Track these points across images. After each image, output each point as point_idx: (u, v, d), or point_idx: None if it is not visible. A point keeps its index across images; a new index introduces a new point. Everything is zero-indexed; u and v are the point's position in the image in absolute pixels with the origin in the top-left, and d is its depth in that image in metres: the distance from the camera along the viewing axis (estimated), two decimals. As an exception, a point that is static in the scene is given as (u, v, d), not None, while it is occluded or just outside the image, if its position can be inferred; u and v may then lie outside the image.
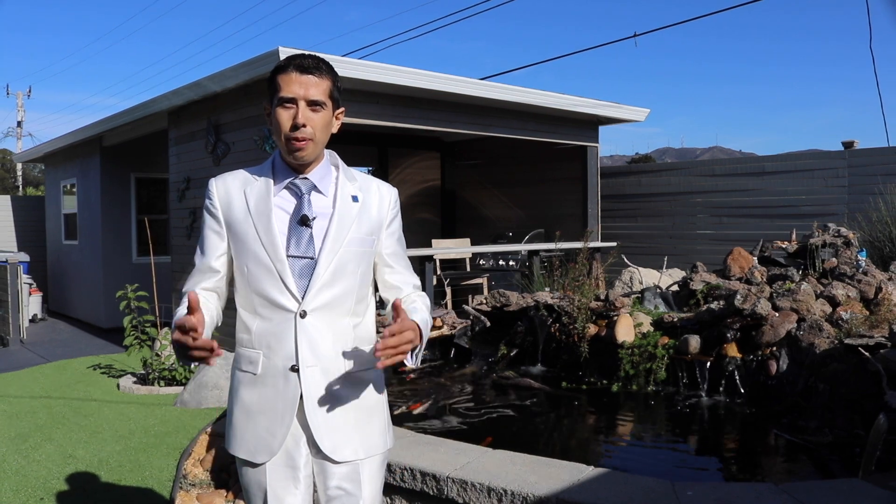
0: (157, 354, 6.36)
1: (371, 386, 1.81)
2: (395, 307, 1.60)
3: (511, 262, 9.47)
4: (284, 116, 1.69)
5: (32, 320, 10.68)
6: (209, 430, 4.58)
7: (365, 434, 1.78)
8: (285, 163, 1.77)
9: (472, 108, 7.86)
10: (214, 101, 7.30)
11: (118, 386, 6.38)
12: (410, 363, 1.67)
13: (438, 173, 11.93)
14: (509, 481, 2.58)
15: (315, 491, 1.81)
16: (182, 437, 4.80)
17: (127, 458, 4.40)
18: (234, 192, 1.77)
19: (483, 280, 9.28)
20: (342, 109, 1.81)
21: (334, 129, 1.80)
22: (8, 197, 13.27)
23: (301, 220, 1.72)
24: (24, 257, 10.66)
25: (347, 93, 6.87)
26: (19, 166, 31.19)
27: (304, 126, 1.68)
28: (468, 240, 10.38)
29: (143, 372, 6.47)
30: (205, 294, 1.77)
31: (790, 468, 3.60)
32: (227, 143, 7.20)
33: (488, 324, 5.80)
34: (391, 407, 1.81)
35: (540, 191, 10.57)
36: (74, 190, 11.07)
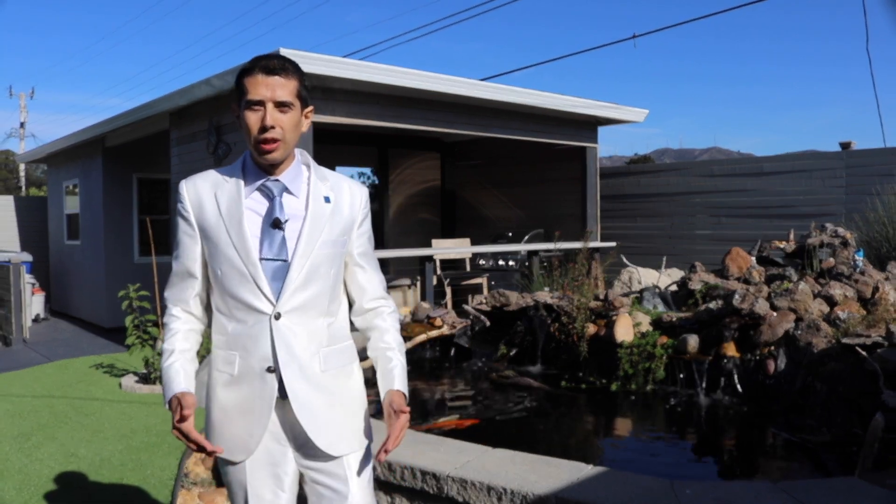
0: (159, 354, 6.37)
1: (349, 379, 1.84)
2: (390, 405, 1.76)
3: (511, 262, 9.49)
4: (252, 119, 1.68)
5: (35, 320, 10.71)
6: (211, 429, 4.61)
7: (353, 428, 1.81)
8: (256, 164, 1.76)
9: (472, 109, 7.89)
10: (216, 102, 7.32)
11: (120, 385, 6.41)
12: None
13: (438, 173, 11.96)
14: (509, 480, 2.60)
15: (301, 491, 1.83)
16: (184, 436, 4.82)
17: (129, 457, 4.42)
18: (204, 195, 1.75)
19: (483, 280, 9.30)
20: (311, 108, 1.79)
21: (304, 129, 1.78)
22: (11, 197, 13.30)
23: (273, 224, 1.72)
24: (27, 257, 10.69)
25: (348, 94, 6.91)
26: (22, 167, 31.18)
27: (272, 128, 1.67)
28: (468, 240, 10.40)
29: (144, 371, 6.50)
30: (177, 315, 1.82)
31: (788, 467, 3.62)
32: (228, 143, 7.23)
33: (488, 323, 5.83)
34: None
35: (539, 191, 10.59)
36: (77, 190, 11.10)
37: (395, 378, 1.82)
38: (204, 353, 3.22)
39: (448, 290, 8.78)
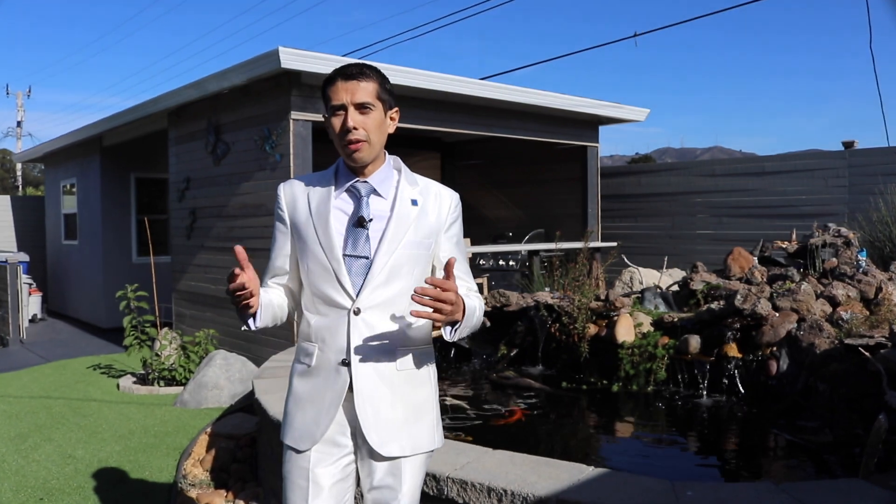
0: (157, 354, 6.36)
1: (422, 383, 1.87)
2: (448, 266, 1.66)
3: (511, 262, 9.47)
4: (336, 123, 1.78)
5: (32, 320, 10.68)
6: (209, 430, 4.58)
7: (413, 431, 1.84)
8: (347, 167, 1.85)
9: (473, 109, 7.86)
10: (214, 102, 7.29)
11: (118, 386, 6.38)
12: (448, 336, 1.75)
13: (439, 173, 11.93)
14: (509, 481, 2.57)
15: (358, 484, 1.87)
16: (182, 437, 4.80)
17: (127, 458, 4.40)
18: (299, 195, 1.87)
19: (483, 280, 9.27)
20: (396, 109, 1.88)
21: (390, 129, 1.87)
22: (8, 197, 13.27)
23: (357, 222, 1.80)
24: (24, 257, 10.66)
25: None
26: (19, 166, 31.19)
27: (354, 129, 1.76)
28: (468, 240, 10.36)
29: (142, 372, 6.47)
30: (270, 285, 1.92)
31: (790, 468, 3.60)
32: (226, 142, 7.20)
33: (488, 324, 5.80)
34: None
35: (540, 191, 10.57)
36: (74, 190, 11.07)
37: (466, 299, 1.78)
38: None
39: (448, 291, 8.74)
